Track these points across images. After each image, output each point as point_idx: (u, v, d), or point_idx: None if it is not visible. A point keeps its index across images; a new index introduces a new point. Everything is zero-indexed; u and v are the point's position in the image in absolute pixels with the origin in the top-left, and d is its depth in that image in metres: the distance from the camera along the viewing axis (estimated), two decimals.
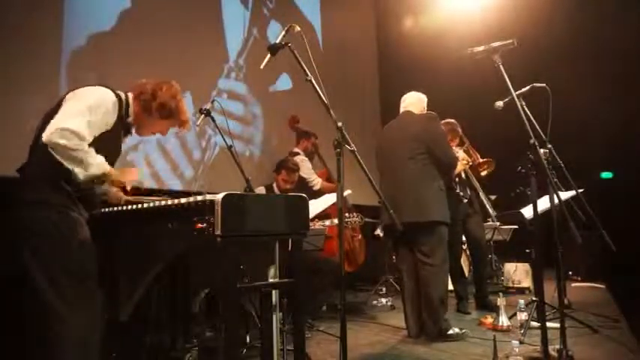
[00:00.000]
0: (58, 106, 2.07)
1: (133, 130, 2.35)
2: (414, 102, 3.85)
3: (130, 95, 2.28)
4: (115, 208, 2.38)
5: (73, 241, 2.02)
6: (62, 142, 1.92)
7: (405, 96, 3.92)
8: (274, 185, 4.44)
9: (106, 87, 2.20)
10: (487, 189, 4.98)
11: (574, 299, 4.40)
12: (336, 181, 2.26)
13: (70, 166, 1.97)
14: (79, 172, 1.99)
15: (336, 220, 3.90)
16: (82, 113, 2.01)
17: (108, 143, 2.14)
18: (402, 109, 3.88)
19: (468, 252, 5.22)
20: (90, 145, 2.02)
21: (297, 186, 4.70)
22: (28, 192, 2.03)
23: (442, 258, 3.50)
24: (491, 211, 4.97)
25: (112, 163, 2.16)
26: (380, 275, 5.64)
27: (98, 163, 2.04)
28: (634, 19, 6.27)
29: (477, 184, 4.75)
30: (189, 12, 5.17)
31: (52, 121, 1.97)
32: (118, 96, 2.20)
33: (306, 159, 4.97)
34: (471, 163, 4.58)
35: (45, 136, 1.92)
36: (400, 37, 7.78)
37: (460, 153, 4.44)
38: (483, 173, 4.72)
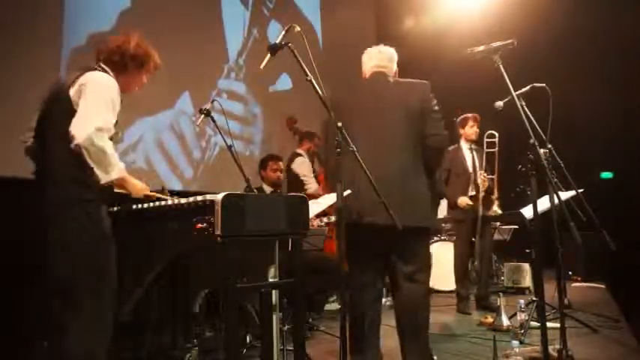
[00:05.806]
0: (67, 97, 2.04)
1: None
2: (391, 59, 2.92)
3: (102, 65, 2.21)
4: (115, 208, 2.37)
5: (102, 241, 2.03)
6: (99, 144, 1.92)
7: (373, 50, 2.95)
8: (263, 185, 4.38)
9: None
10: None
11: (574, 299, 4.40)
12: None
13: (95, 168, 1.95)
14: (102, 175, 1.98)
15: (333, 218, 3.89)
16: (109, 109, 2.01)
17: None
18: (371, 69, 2.87)
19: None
20: None
21: (292, 184, 4.67)
22: (58, 191, 2.01)
23: (429, 274, 2.73)
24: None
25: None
26: None
27: (120, 169, 2.04)
28: (633, 19, 6.27)
29: None
30: (189, 12, 5.18)
31: (79, 117, 1.95)
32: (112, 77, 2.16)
33: (308, 161, 4.98)
34: None
35: (81, 137, 1.90)
36: (400, 37, 7.77)
37: None
38: None
